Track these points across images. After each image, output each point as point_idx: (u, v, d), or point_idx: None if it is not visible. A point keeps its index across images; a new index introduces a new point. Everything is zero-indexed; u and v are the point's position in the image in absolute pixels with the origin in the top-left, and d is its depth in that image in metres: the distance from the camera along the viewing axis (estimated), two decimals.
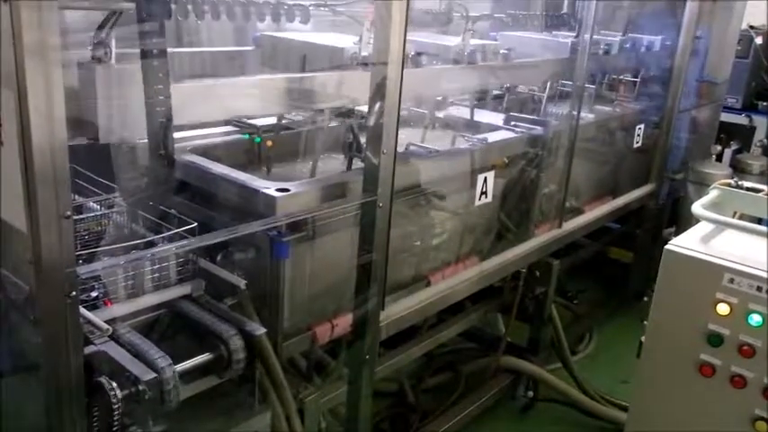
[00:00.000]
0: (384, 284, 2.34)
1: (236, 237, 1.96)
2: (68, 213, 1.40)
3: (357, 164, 2.48)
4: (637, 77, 4.23)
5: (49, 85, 1.31)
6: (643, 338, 2.16)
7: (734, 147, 5.36)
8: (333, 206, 2.19)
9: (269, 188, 2.12)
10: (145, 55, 1.87)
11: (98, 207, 2.19)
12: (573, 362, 3.71)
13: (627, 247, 4.81)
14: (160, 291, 1.98)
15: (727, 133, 5.39)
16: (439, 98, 3.14)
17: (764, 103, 5.43)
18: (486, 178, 2.79)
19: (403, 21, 2.04)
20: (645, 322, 2.11)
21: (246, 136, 2.70)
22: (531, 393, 3.55)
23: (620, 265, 4.83)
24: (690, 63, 4.34)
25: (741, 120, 5.43)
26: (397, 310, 2.53)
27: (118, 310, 1.87)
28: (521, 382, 3.55)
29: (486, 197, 2.84)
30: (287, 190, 2.12)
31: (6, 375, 1.80)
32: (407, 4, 2.03)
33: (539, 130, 3.21)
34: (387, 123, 2.11)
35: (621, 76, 4.24)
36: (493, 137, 3.03)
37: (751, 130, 5.40)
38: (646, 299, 4.87)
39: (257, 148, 2.67)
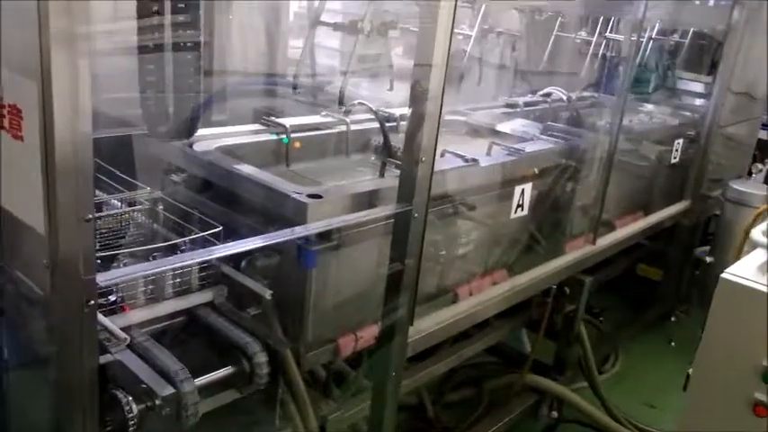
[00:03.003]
0: (414, 299, 2.22)
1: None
2: (89, 216, 1.30)
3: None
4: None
5: (75, 77, 1.21)
6: (690, 371, 2.02)
7: None
8: (367, 216, 2.08)
9: (300, 194, 2.01)
10: (177, 47, 1.77)
11: (119, 204, 2.10)
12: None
13: (656, 265, 4.65)
14: (181, 297, 1.88)
15: (763, 150, 5.21)
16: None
17: None
18: (523, 190, 2.66)
19: (450, 22, 1.91)
20: (672, 343, 1.97)
21: (274, 135, 2.61)
22: (555, 414, 3.42)
23: (648, 283, 4.67)
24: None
25: None
26: (426, 326, 2.41)
27: (136, 316, 1.77)
28: (545, 402, 3.41)
29: (522, 210, 2.71)
30: (319, 196, 2.00)
31: (14, 370, 1.71)
32: (455, 5, 1.90)
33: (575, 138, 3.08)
34: (427, 130, 1.99)
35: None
36: (530, 147, 2.90)
37: None
38: (674, 319, 4.72)
39: (285, 149, 2.58)
